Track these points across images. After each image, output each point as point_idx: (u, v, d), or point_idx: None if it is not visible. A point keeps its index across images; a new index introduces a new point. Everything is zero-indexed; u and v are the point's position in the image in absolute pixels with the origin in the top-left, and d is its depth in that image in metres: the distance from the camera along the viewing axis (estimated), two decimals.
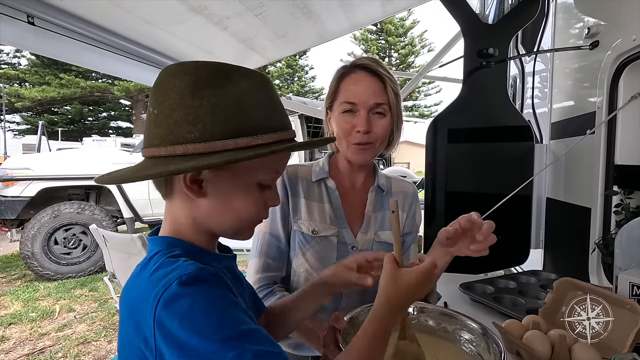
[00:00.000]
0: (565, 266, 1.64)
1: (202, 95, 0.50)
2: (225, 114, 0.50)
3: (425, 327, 0.75)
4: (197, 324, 0.43)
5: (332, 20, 2.29)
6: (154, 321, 0.44)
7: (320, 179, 0.98)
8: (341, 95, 0.92)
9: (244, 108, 0.51)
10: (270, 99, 0.55)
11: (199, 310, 0.43)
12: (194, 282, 0.45)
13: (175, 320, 0.43)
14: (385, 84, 0.90)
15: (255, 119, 0.52)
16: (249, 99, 0.52)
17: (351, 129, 0.90)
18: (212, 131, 0.50)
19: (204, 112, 0.49)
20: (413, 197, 1.07)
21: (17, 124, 20.17)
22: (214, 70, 0.51)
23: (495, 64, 1.66)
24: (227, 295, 0.47)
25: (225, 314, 0.45)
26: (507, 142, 1.72)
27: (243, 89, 0.52)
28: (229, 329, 0.44)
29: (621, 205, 1.30)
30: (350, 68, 0.93)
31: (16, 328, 3.40)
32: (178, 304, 0.43)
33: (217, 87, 0.50)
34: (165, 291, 0.44)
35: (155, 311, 0.44)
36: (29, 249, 4.44)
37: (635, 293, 0.81)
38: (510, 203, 1.43)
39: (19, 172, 4.63)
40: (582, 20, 1.58)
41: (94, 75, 18.48)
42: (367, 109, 0.89)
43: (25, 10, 1.34)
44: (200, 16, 1.73)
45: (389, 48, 24.64)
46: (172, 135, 0.51)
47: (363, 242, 0.97)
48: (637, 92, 1.23)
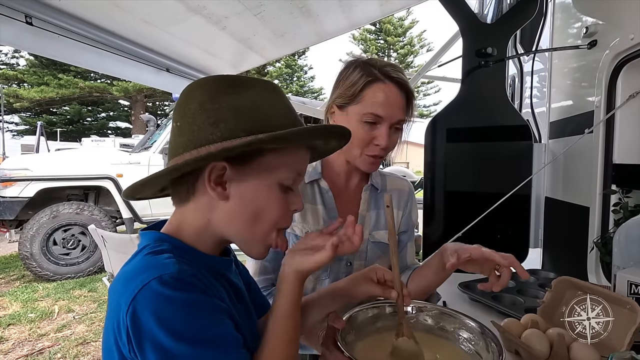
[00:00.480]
0: (564, 265, 1.64)
1: (221, 100, 0.53)
2: (245, 113, 0.53)
3: (424, 326, 0.75)
4: (171, 325, 0.44)
5: (331, 19, 2.29)
6: (127, 315, 0.45)
7: (313, 180, 0.96)
8: (367, 103, 0.87)
9: (260, 108, 0.54)
10: (283, 101, 0.58)
11: (174, 311, 0.45)
12: (173, 283, 0.46)
13: (150, 318, 0.44)
14: (409, 100, 0.90)
15: (272, 116, 0.55)
16: (265, 101, 0.55)
17: (370, 141, 0.89)
18: (233, 130, 0.52)
19: (224, 113, 0.53)
20: (409, 195, 1.06)
21: (16, 124, 20.15)
22: (229, 80, 0.56)
23: (494, 64, 1.66)
24: (202, 298, 0.48)
25: (198, 318, 0.46)
26: (506, 141, 1.72)
27: (258, 93, 0.55)
28: (199, 333, 0.45)
29: (619, 204, 1.30)
30: (380, 77, 0.87)
31: (15, 329, 3.39)
32: (155, 303, 0.45)
33: (233, 92, 0.54)
34: (143, 288, 0.45)
35: (129, 306, 0.45)
36: (28, 250, 4.43)
37: (633, 291, 0.81)
38: (509, 202, 1.43)
39: (18, 173, 4.62)
40: (581, 19, 1.58)
41: (93, 76, 18.46)
42: (390, 124, 0.88)
43: (24, 11, 1.33)
44: (199, 16, 1.73)
45: (388, 48, 24.65)
46: (195, 140, 0.53)
47: None
48: (635, 91, 1.23)
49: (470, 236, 1.39)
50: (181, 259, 0.52)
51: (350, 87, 0.88)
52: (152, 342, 0.44)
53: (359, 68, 0.89)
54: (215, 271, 0.58)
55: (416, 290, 0.95)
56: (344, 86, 0.90)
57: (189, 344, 0.44)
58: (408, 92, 0.89)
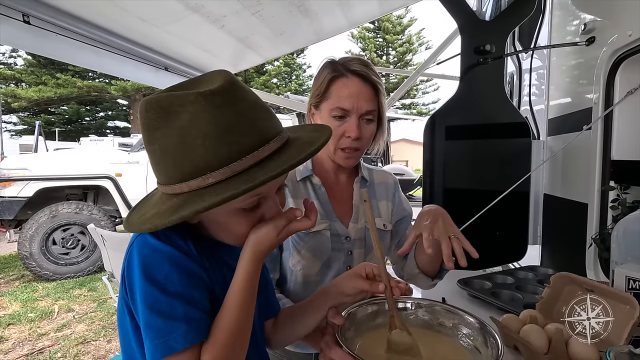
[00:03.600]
0: (563, 261, 1.65)
1: (154, 140, 0.50)
2: (174, 156, 0.48)
3: (423, 321, 0.75)
4: (151, 271, 0.49)
5: (329, 18, 2.29)
6: (125, 262, 0.52)
7: (305, 177, 0.98)
8: (333, 99, 0.91)
9: (187, 145, 0.47)
10: (222, 121, 0.47)
11: (154, 258, 0.50)
12: (163, 237, 0.51)
13: (137, 261, 0.50)
14: (377, 90, 0.92)
15: (200, 154, 0.47)
16: (192, 132, 0.47)
17: (341, 134, 0.91)
18: (168, 176, 0.51)
19: (158, 157, 0.51)
20: (394, 187, 1.09)
21: (14, 124, 20.07)
22: (161, 107, 0.48)
23: (492, 61, 1.66)
24: (183, 258, 0.52)
25: (172, 271, 0.50)
26: (505, 138, 1.73)
27: (186, 121, 0.47)
28: (170, 284, 0.50)
29: (618, 201, 1.30)
30: (343, 71, 0.91)
31: (15, 328, 3.39)
32: (143, 248, 0.51)
33: (164, 125, 0.48)
34: (137, 238, 0.52)
35: (129, 250, 0.52)
36: (27, 250, 4.43)
37: (631, 286, 0.82)
38: (508, 199, 1.43)
39: (16, 173, 4.61)
40: (579, 16, 1.58)
41: (91, 75, 18.40)
42: (358, 115, 0.90)
43: (21, 10, 1.33)
44: (197, 15, 1.72)
45: (387, 46, 24.62)
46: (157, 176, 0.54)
47: (355, 231, 0.98)
48: (633, 87, 1.23)
49: (469, 233, 1.38)
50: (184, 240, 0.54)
51: (319, 85, 0.93)
52: (136, 278, 0.49)
53: (326, 67, 0.94)
54: (219, 257, 0.60)
55: (424, 262, 0.94)
56: (314, 85, 0.95)
57: (161, 292, 0.48)
58: (373, 83, 0.91)
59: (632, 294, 0.79)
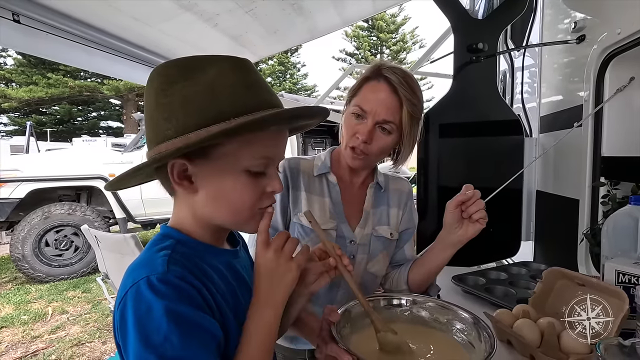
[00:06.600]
0: (555, 257, 1.67)
1: (172, 92, 0.51)
2: (197, 104, 0.51)
3: (417, 318, 0.76)
4: (146, 331, 0.46)
5: (323, 16, 2.29)
6: (118, 308, 0.49)
7: (322, 173, 0.99)
8: (359, 97, 0.92)
9: (214, 93, 0.51)
10: (248, 78, 0.54)
11: (151, 318, 0.46)
12: (158, 286, 0.47)
13: (132, 318, 0.46)
14: (401, 104, 0.89)
15: (226, 102, 0.51)
16: (220, 83, 0.51)
17: (354, 133, 0.91)
18: (185, 124, 0.51)
19: (175, 107, 0.51)
20: (408, 195, 1.09)
21: (4, 125, 19.82)
22: (184, 65, 0.52)
23: (485, 59, 1.67)
24: (180, 308, 0.47)
25: (170, 330, 0.46)
26: (498, 136, 1.74)
27: (214, 75, 0.51)
28: (166, 346, 0.45)
29: (608, 196, 1.32)
30: (377, 75, 0.91)
31: (8, 331, 3.36)
32: (137, 304, 0.47)
33: (187, 79, 0.51)
34: (132, 286, 0.48)
35: (121, 301, 0.49)
36: (20, 252, 4.38)
37: (620, 280, 0.83)
38: (501, 196, 1.45)
39: (8, 174, 4.55)
40: (570, 15, 1.60)
41: (83, 75, 18.19)
42: (375, 121, 0.89)
43: (10, 8, 1.31)
44: (190, 13, 1.71)
45: (381, 45, 24.66)
46: (156, 136, 0.53)
47: (361, 236, 0.98)
48: (622, 84, 1.25)
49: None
50: (178, 255, 0.52)
51: (356, 82, 0.96)
52: (130, 338, 0.46)
53: (370, 67, 0.95)
54: (217, 262, 0.59)
55: (417, 279, 0.99)
56: (355, 83, 0.97)
57: (156, 355, 0.45)
58: (400, 96, 0.88)
59: (621, 288, 0.80)
